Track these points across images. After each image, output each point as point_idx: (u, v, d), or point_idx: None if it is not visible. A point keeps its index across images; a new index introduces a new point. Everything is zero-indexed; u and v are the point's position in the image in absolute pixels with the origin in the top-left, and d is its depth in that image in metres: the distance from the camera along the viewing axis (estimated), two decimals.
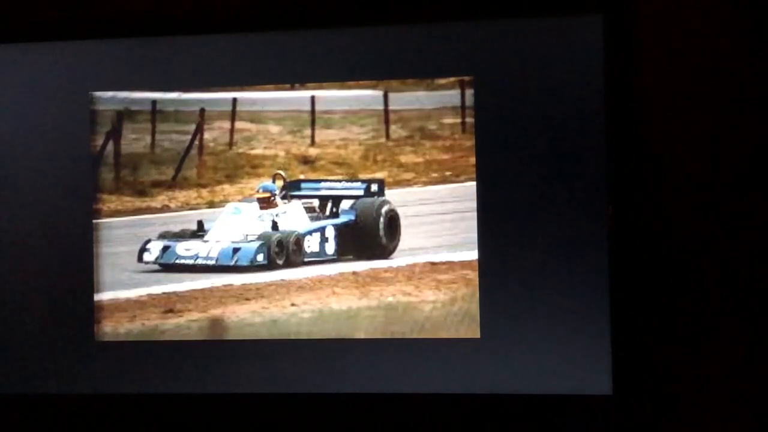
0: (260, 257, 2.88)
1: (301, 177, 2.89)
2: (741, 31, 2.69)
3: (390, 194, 2.87)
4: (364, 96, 2.83)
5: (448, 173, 2.80)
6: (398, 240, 2.86)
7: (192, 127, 2.89)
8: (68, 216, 2.88)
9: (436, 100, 2.80)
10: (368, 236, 2.92)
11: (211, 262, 2.89)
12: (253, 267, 2.87)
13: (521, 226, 2.73)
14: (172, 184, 2.90)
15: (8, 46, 2.91)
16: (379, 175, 2.86)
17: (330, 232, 2.95)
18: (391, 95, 2.82)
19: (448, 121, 2.80)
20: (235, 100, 2.87)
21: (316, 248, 2.93)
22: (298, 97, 2.85)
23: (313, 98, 2.85)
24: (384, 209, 2.90)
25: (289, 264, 2.89)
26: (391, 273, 2.84)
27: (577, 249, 2.70)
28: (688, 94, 2.70)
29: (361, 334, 2.81)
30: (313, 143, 2.86)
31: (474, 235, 2.76)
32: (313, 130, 2.86)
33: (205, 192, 2.90)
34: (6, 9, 2.93)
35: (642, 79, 2.71)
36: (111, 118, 2.90)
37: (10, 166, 2.90)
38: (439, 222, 2.81)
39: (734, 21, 2.69)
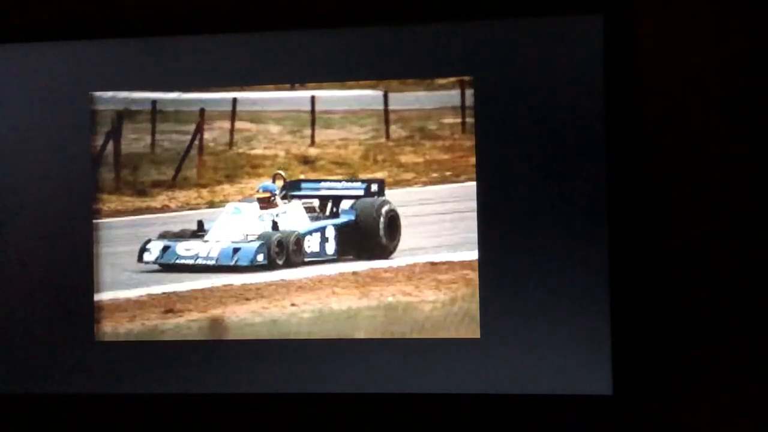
0: (260, 257, 2.88)
1: (301, 177, 2.89)
2: (741, 31, 2.69)
3: (390, 194, 2.87)
4: (364, 96, 2.83)
5: (448, 173, 2.80)
6: (398, 240, 2.86)
7: (192, 127, 2.89)
8: (68, 216, 2.88)
9: (436, 100, 2.80)
10: (368, 236, 2.92)
11: (211, 262, 2.89)
12: (253, 267, 2.87)
13: (521, 226, 2.73)
14: (172, 184, 2.90)
15: (8, 46, 2.91)
16: (379, 175, 2.86)
17: (330, 232, 2.95)
18: (391, 95, 2.82)
19: (448, 121, 2.80)
20: (235, 100, 2.87)
21: (316, 248, 2.93)
22: (298, 97, 2.85)
23: (313, 98, 2.85)
24: (384, 209, 2.90)
25: (289, 264, 2.89)
26: (391, 273, 2.84)
27: (577, 249, 2.70)
28: (688, 94, 2.70)
29: (361, 334, 2.81)
30: (313, 143, 2.86)
31: (474, 235, 2.76)
32: (313, 130, 2.86)
33: (205, 192, 2.90)
34: (6, 9, 2.93)
35: (642, 78, 2.71)
36: (111, 118, 2.90)
37: (10, 165, 2.90)
38: (439, 222, 2.81)
39: (734, 21, 2.69)
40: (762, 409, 2.69)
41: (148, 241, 2.90)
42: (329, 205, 2.98)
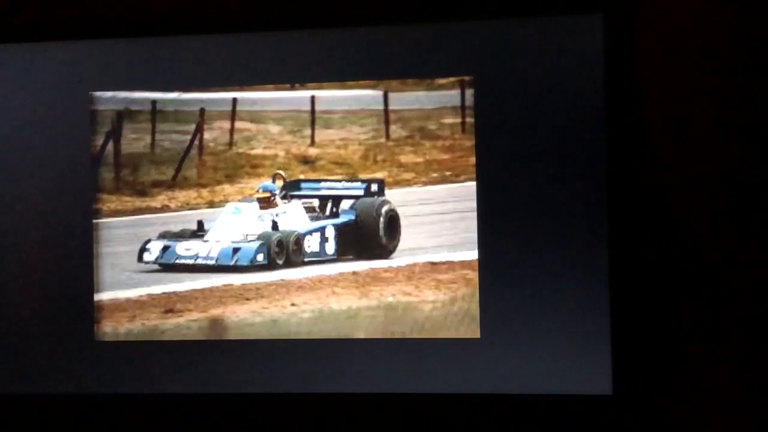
0: (260, 257, 2.88)
1: (301, 177, 2.89)
2: (741, 31, 2.69)
3: (390, 194, 2.87)
4: (364, 96, 2.83)
5: (448, 173, 2.81)
6: (398, 240, 2.86)
7: (192, 127, 2.89)
8: (68, 216, 2.88)
9: (436, 100, 2.80)
10: (368, 236, 2.92)
11: (211, 262, 2.89)
12: (253, 267, 2.87)
13: (521, 226, 2.73)
14: (172, 184, 2.90)
15: (8, 46, 2.91)
16: (379, 175, 2.86)
17: (330, 232, 2.95)
18: (391, 95, 2.82)
19: (448, 121, 2.80)
20: (235, 100, 2.87)
21: (316, 248, 2.93)
22: (298, 97, 2.85)
23: (313, 98, 2.85)
24: (384, 209, 2.90)
25: (289, 264, 2.89)
26: (391, 273, 2.84)
27: (577, 249, 2.70)
28: (688, 94, 2.70)
29: (361, 334, 2.81)
30: (313, 143, 2.86)
31: (474, 235, 2.76)
32: (313, 130, 2.86)
33: (205, 192, 2.90)
34: (6, 9, 2.93)
35: (642, 79, 2.71)
36: (111, 118, 2.90)
37: (10, 165, 2.90)
38: (439, 222, 2.81)
39: (734, 21, 2.69)
40: (762, 409, 2.69)
41: (148, 241, 2.90)
42: (329, 205, 2.99)
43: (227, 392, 2.83)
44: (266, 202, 2.93)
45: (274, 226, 2.93)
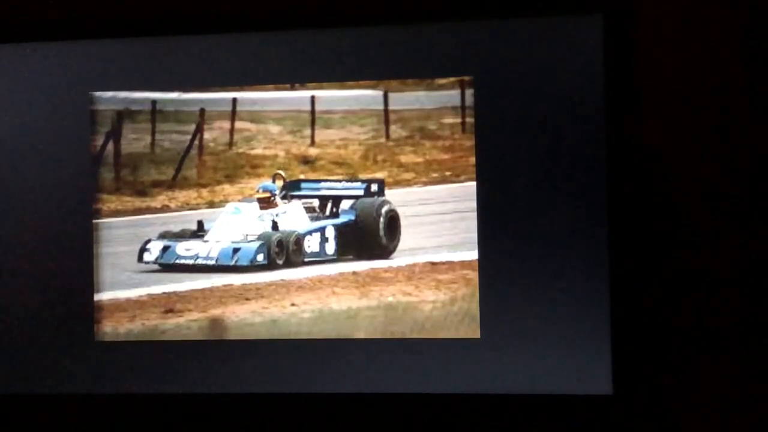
0: (260, 257, 2.88)
1: (301, 177, 2.89)
2: (741, 31, 2.69)
3: (390, 194, 2.87)
4: (364, 96, 2.83)
5: (448, 173, 2.81)
6: (398, 240, 2.86)
7: (192, 127, 2.89)
8: (68, 216, 2.88)
9: (436, 100, 2.80)
10: (368, 236, 2.92)
11: (211, 262, 2.89)
12: (253, 267, 2.87)
13: (521, 226, 2.73)
14: (172, 184, 2.90)
15: (8, 46, 2.91)
16: (379, 175, 2.86)
17: (330, 232, 2.95)
18: (391, 95, 2.82)
19: (448, 121, 2.80)
20: (235, 100, 2.87)
21: (316, 248, 2.93)
22: (298, 97, 2.85)
23: (313, 98, 2.85)
24: (384, 209, 2.90)
25: (289, 264, 2.89)
26: (391, 273, 2.84)
27: (577, 249, 2.70)
28: (688, 94, 2.70)
29: (361, 334, 2.81)
30: (313, 143, 2.86)
31: (474, 235, 2.76)
32: (313, 130, 2.86)
33: (205, 192, 2.90)
34: (6, 9, 2.93)
35: (642, 79, 2.71)
36: (111, 118, 2.90)
37: (10, 165, 2.90)
38: (439, 222, 2.81)
39: (734, 21, 2.69)
40: (762, 409, 2.69)
41: (148, 241, 2.90)
42: (329, 205, 2.99)
43: (227, 392, 2.83)
44: (266, 202, 2.93)
45: (274, 226, 2.93)
